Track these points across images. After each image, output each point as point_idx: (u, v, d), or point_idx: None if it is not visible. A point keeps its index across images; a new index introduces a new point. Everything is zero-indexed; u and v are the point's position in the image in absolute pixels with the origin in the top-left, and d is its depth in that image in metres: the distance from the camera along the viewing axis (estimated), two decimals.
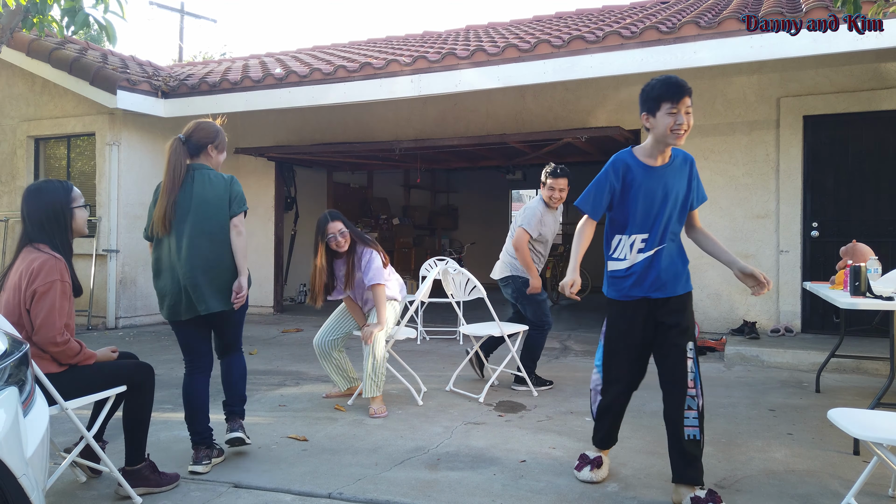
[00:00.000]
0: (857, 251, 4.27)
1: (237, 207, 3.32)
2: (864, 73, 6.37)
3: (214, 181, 3.32)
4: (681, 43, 5.76)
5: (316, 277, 4.34)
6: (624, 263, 2.89)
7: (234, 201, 3.32)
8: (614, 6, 9.56)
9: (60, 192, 2.91)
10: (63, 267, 2.79)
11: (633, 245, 2.87)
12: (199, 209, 3.25)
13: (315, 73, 7.33)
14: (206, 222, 3.25)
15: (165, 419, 4.07)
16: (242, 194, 3.39)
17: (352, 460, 3.35)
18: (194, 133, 3.40)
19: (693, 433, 2.77)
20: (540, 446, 3.58)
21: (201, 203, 3.26)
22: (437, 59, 6.70)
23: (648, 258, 2.85)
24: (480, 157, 9.93)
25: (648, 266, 2.85)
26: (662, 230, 2.85)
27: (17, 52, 8.04)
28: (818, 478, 3.12)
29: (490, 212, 15.03)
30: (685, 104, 2.70)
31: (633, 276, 2.88)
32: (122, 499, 2.85)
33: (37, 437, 2.01)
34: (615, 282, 2.94)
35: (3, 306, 2.77)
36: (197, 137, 3.39)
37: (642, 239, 2.85)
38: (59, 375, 2.71)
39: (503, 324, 4.76)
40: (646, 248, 2.85)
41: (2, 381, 1.91)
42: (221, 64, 10.84)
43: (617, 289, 2.94)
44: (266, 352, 6.44)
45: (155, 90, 8.01)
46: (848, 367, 5.38)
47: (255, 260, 9.63)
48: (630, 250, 2.88)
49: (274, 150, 9.10)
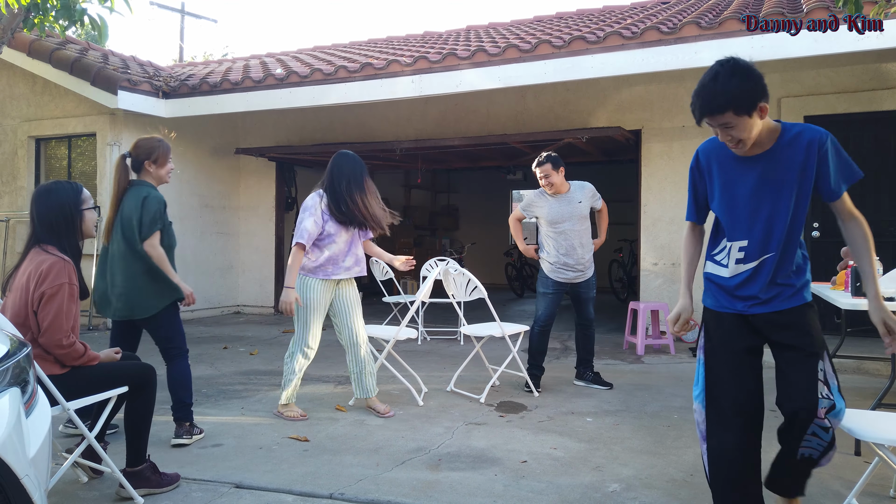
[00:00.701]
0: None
1: (146, 232, 3.56)
2: (865, 73, 6.37)
3: (133, 201, 3.59)
4: (682, 43, 5.76)
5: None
6: (724, 272, 2.37)
7: (144, 226, 3.56)
8: (615, 6, 9.56)
9: (70, 194, 2.92)
10: (71, 269, 2.79)
11: (730, 253, 2.35)
12: (122, 226, 3.63)
13: (316, 73, 7.33)
14: (124, 240, 3.61)
15: (167, 420, 4.07)
16: (154, 215, 3.59)
17: (353, 461, 3.35)
18: (134, 150, 3.71)
19: (809, 453, 2.23)
20: (541, 447, 3.58)
21: (124, 220, 3.62)
22: (437, 60, 6.70)
23: (749, 271, 2.30)
24: (481, 158, 9.93)
25: (747, 280, 2.31)
26: (763, 236, 2.27)
27: (18, 53, 8.04)
28: (819, 478, 3.12)
29: (491, 212, 15.02)
30: (717, 121, 2.14)
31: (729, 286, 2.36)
32: (124, 499, 2.85)
33: (39, 437, 2.01)
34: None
35: (9, 307, 2.77)
36: (135, 154, 3.70)
37: (740, 247, 2.31)
38: (62, 376, 2.72)
39: (504, 324, 4.75)
40: (745, 259, 2.30)
41: (4, 381, 1.91)
42: (222, 64, 10.85)
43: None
44: (266, 352, 6.44)
45: (156, 90, 8.01)
46: (849, 367, 5.38)
47: (256, 260, 9.64)
48: (728, 258, 2.35)
49: (275, 150, 9.10)
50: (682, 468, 3.26)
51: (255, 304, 9.63)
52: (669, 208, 7.22)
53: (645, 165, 7.37)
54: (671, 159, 7.23)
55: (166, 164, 3.74)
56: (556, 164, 4.86)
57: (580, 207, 4.89)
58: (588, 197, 4.96)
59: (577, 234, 4.87)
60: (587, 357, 5.06)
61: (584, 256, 4.89)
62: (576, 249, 4.86)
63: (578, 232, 4.88)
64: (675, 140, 7.18)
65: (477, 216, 15.04)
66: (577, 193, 4.92)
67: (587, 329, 5.05)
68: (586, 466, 3.28)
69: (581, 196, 4.92)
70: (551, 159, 4.86)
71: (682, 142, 7.10)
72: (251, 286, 9.65)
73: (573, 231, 4.86)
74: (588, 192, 4.96)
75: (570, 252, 4.85)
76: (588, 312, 5.02)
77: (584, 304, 5.00)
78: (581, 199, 4.90)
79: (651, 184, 7.34)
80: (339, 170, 4.07)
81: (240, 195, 9.77)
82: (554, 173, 4.85)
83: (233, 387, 4.99)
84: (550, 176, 4.85)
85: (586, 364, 5.06)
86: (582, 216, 4.90)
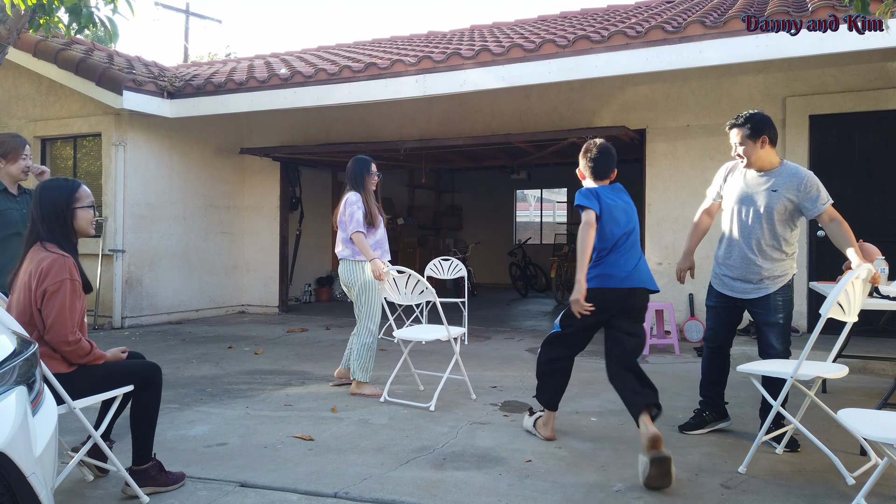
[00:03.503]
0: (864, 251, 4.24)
1: None
2: (871, 72, 6.34)
3: None
4: (686, 42, 5.74)
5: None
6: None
7: None
8: (619, 6, 9.54)
9: (63, 191, 2.89)
10: (72, 265, 2.79)
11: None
12: None
13: (320, 73, 7.34)
14: None
15: (172, 418, 4.09)
16: None
17: (357, 460, 3.36)
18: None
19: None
20: (546, 446, 3.58)
21: None
22: (441, 60, 6.70)
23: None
24: (485, 157, 9.92)
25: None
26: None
27: (24, 53, 8.07)
28: (825, 478, 3.11)
29: (495, 212, 15.03)
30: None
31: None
32: (130, 498, 2.86)
33: (45, 436, 2.02)
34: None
35: (14, 306, 2.78)
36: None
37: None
38: (68, 375, 2.72)
39: (451, 328, 4.52)
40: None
41: (11, 380, 1.92)
42: (227, 64, 10.87)
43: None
44: (271, 351, 6.45)
45: (161, 91, 8.03)
46: (854, 367, 5.36)
47: (261, 260, 9.65)
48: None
49: (279, 150, 9.12)
50: (686, 468, 3.25)
51: (259, 303, 9.64)
52: (674, 208, 7.20)
53: (649, 165, 7.36)
54: (676, 159, 7.22)
55: (18, 161, 3.76)
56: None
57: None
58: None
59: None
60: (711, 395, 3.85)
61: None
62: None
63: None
64: (679, 140, 7.17)
65: (481, 216, 15.04)
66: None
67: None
68: (591, 466, 3.28)
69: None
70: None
71: (687, 141, 7.08)
72: (256, 286, 9.67)
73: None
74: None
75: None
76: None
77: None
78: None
79: (655, 183, 7.32)
80: (352, 172, 4.81)
81: (244, 195, 9.78)
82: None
83: (237, 386, 5.00)
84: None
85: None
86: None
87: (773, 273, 3.53)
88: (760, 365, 3.34)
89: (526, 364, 5.81)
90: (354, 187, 4.76)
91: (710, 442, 3.66)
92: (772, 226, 3.51)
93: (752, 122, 3.53)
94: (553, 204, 19.83)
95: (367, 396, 4.63)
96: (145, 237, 8.24)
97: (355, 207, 4.66)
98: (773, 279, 3.53)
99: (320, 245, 11.13)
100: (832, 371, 3.14)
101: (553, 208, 20.04)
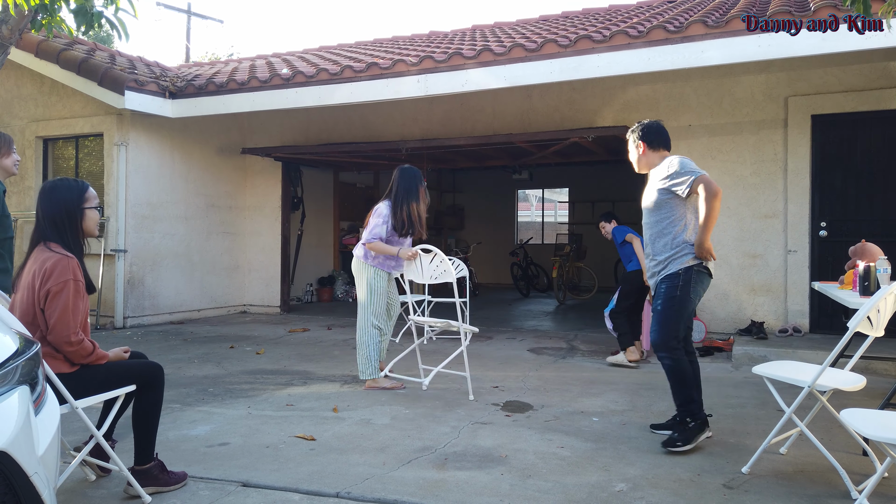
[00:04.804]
0: (867, 251, 4.24)
1: None
2: (873, 72, 6.33)
3: None
4: (688, 42, 5.74)
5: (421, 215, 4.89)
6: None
7: None
8: (621, 5, 9.53)
9: (73, 192, 2.90)
10: (76, 265, 2.79)
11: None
12: None
13: (321, 73, 7.34)
14: None
15: (174, 418, 4.09)
16: None
17: (359, 460, 3.36)
18: None
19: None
20: (548, 446, 3.57)
21: None
22: (443, 59, 6.70)
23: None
24: (487, 157, 9.93)
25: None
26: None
27: (26, 53, 8.08)
28: (827, 478, 3.11)
29: (496, 212, 15.02)
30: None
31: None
32: (132, 497, 2.86)
33: (48, 435, 2.02)
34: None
35: (17, 306, 2.78)
36: None
37: None
38: (70, 375, 2.72)
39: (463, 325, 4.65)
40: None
41: (14, 380, 1.92)
42: (228, 64, 10.87)
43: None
44: (273, 351, 6.45)
45: (162, 91, 8.04)
46: (857, 367, 5.32)
47: (262, 260, 9.66)
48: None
49: (280, 150, 9.12)
50: (688, 468, 3.25)
51: (261, 303, 9.65)
52: None
53: None
54: None
55: (11, 154, 3.84)
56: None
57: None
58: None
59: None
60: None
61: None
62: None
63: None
64: (681, 139, 7.16)
65: (482, 216, 15.04)
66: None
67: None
68: (593, 466, 3.28)
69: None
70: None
71: (689, 141, 7.07)
72: (257, 286, 9.68)
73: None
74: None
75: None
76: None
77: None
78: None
79: None
80: (398, 183, 4.81)
81: (246, 195, 9.79)
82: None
83: (239, 386, 5.00)
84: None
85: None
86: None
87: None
88: (778, 369, 3.29)
89: (528, 364, 5.81)
90: (404, 197, 4.76)
91: (712, 442, 3.66)
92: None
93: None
94: (555, 204, 19.83)
95: (387, 389, 4.78)
96: (147, 237, 8.25)
97: (381, 220, 4.75)
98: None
99: (322, 245, 11.14)
100: (850, 383, 3.09)
101: (555, 208, 20.04)
